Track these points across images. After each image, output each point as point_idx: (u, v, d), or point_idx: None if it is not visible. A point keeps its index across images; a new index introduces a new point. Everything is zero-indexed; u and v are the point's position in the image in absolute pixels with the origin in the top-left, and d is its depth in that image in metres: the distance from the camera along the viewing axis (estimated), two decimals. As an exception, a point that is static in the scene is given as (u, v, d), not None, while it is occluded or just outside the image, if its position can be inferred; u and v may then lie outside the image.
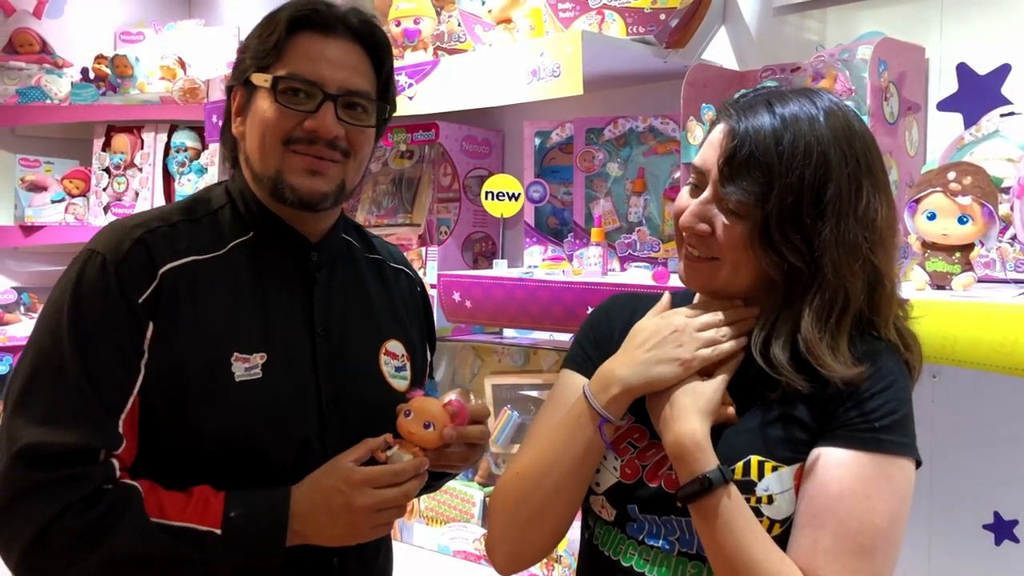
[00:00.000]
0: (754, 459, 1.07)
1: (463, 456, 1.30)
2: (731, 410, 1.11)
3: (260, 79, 1.25)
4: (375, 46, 1.30)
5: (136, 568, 1.14)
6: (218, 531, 1.15)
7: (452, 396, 1.28)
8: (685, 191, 1.17)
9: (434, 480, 1.38)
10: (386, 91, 1.33)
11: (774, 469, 1.06)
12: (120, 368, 1.16)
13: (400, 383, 1.38)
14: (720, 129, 1.12)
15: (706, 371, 1.12)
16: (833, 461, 1.04)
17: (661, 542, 1.12)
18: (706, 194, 1.11)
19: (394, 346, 1.39)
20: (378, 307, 1.40)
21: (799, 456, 1.07)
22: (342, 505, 1.17)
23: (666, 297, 1.20)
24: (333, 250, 1.36)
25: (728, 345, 1.11)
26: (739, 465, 1.06)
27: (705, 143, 1.16)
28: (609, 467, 1.16)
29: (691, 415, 1.07)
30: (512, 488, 1.18)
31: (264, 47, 1.26)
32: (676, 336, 1.11)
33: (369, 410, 1.30)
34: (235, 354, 1.21)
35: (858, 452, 1.04)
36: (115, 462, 1.16)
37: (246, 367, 1.21)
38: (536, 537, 1.18)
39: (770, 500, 1.05)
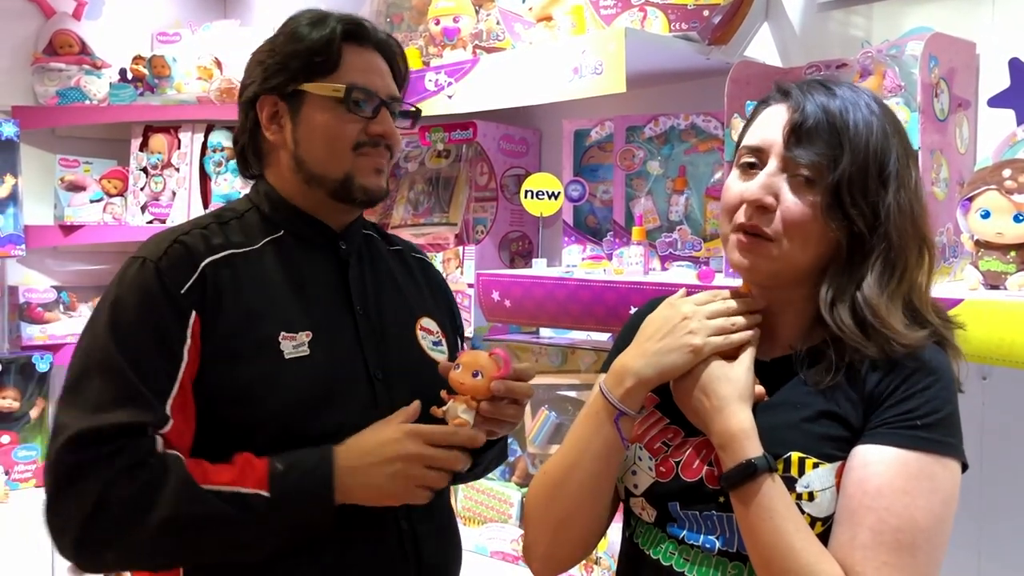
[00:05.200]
0: (795, 455, 1.07)
1: (512, 413, 1.31)
2: (760, 389, 1.11)
3: (326, 90, 1.33)
4: (393, 57, 1.42)
5: (193, 531, 1.18)
6: (265, 492, 1.19)
7: (498, 349, 1.32)
8: (735, 175, 1.16)
9: (477, 455, 1.41)
10: (402, 92, 1.45)
11: (815, 466, 1.06)
12: (162, 354, 1.22)
13: (439, 356, 1.44)
14: (779, 108, 1.14)
15: (726, 355, 1.12)
16: (873, 458, 1.04)
17: (702, 539, 1.11)
18: (772, 167, 1.11)
19: (428, 323, 1.46)
20: (406, 289, 1.47)
21: (840, 454, 1.06)
22: (394, 453, 1.22)
23: (681, 291, 1.21)
24: (358, 241, 1.44)
25: (738, 336, 1.13)
26: (780, 461, 1.06)
27: (756, 124, 1.16)
28: (644, 468, 1.17)
29: (735, 403, 1.08)
30: (540, 488, 1.20)
31: (318, 57, 1.33)
32: (686, 323, 1.13)
33: (414, 380, 1.35)
34: (282, 333, 1.28)
35: (899, 449, 1.03)
36: (159, 439, 1.20)
37: (294, 344, 1.28)
38: (568, 537, 1.19)
39: (811, 497, 1.05)
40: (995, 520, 1.66)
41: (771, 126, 1.13)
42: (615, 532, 1.28)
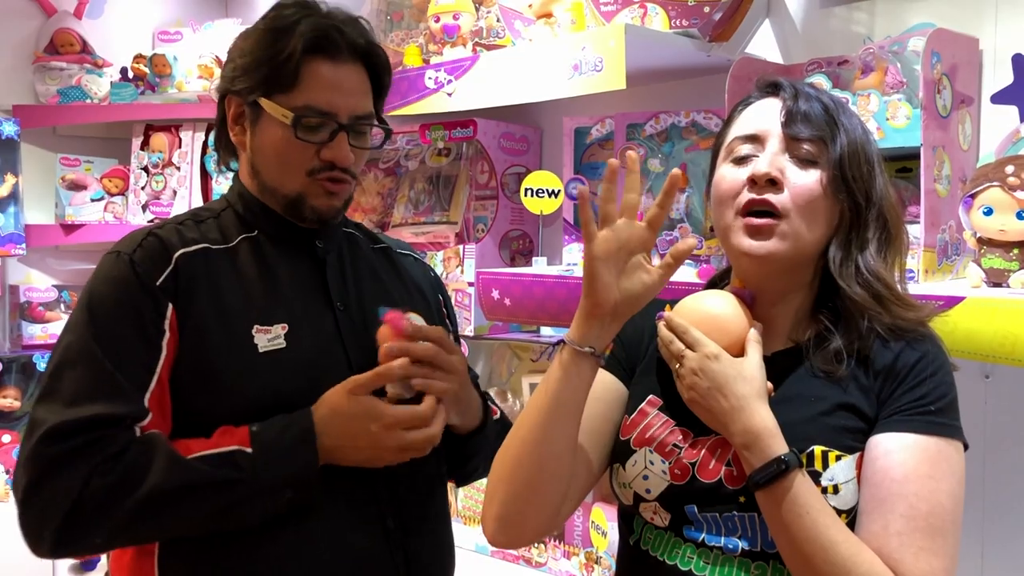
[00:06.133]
0: (817, 449, 1.07)
1: (440, 382, 1.27)
2: (768, 384, 1.11)
3: (277, 111, 1.28)
4: (376, 67, 1.36)
5: (180, 500, 1.17)
6: (248, 449, 1.19)
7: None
8: (728, 167, 1.16)
9: (464, 463, 1.42)
10: (379, 104, 1.40)
11: (838, 459, 1.06)
12: (140, 346, 1.21)
13: None
14: (768, 101, 1.17)
15: (731, 352, 1.10)
16: (894, 446, 1.05)
17: (723, 541, 1.09)
18: (773, 148, 1.13)
19: (414, 317, 1.40)
20: (390, 285, 1.44)
21: (859, 445, 1.07)
22: (369, 442, 1.23)
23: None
24: (337, 239, 1.41)
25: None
26: (803, 456, 1.06)
27: (745, 117, 1.18)
28: (657, 471, 1.14)
29: (754, 402, 1.07)
30: (500, 448, 1.16)
31: (278, 72, 1.28)
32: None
33: None
34: (255, 326, 1.26)
35: (918, 435, 1.05)
36: (138, 430, 1.19)
37: (268, 338, 1.27)
38: (521, 491, 1.12)
39: (835, 490, 1.05)
40: (997, 518, 1.65)
41: (764, 115, 1.16)
42: (616, 530, 1.26)
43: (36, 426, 1.17)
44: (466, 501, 2.32)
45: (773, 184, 1.11)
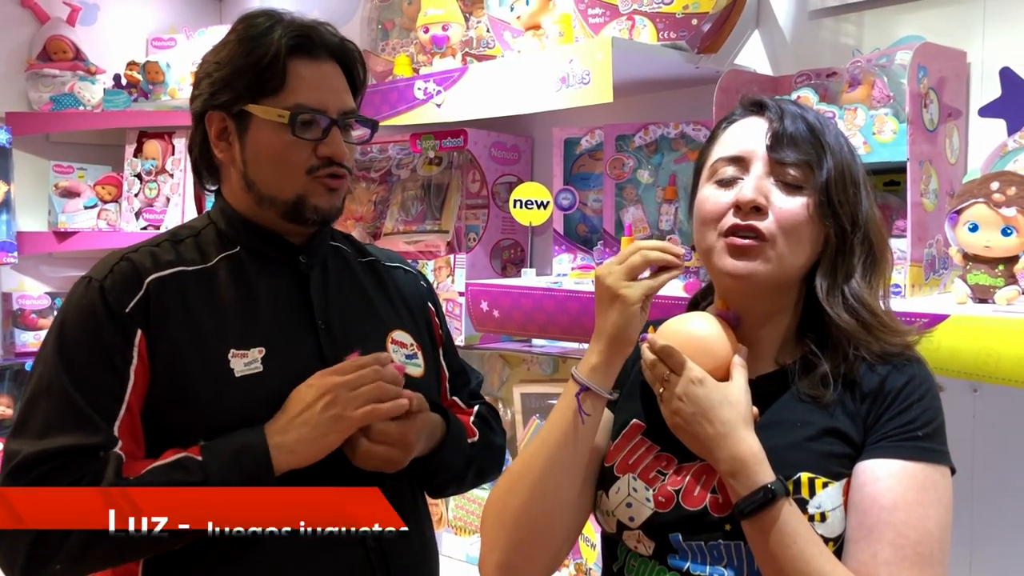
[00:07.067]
0: (804, 476, 1.05)
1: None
2: (754, 409, 1.09)
3: (270, 114, 1.28)
4: (352, 63, 1.37)
5: None
6: (197, 456, 1.18)
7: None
8: (712, 189, 1.14)
9: (441, 471, 1.40)
10: (358, 100, 1.40)
11: (825, 486, 1.05)
12: (108, 375, 1.20)
13: (414, 370, 1.39)
14: (752, 120, 1.15)
15: (715, 375, 1.09)
16: (882, 473, 1.04)
17: (708, 570, 1.08)
18: (758, 171, 1.11)
19: (401, 336, 1.41)
20: (377, 302, 1.43)
21: (845, 471, 1.06)
22: (317, 391, 1.22)
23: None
24: (323, 253, 1.40)
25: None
26: (790, 483, 1.04)
27: (728, 137, 1.16)
28: (641, 499, 1.12)
29: (740, 428, 1.05)
30: (501, 483, 1.16)
31: (263, 76, 1.28)
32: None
33: None
34: (231, 351, 1.25)
35: (905, 462, 1.04)
36: (104, 456, 1.19)
37: (245, 362, 1.25)
38: (528, 538, 1.12)
39: (823, 518, 1.04)
40: (986, 532, 1.65)
41: (748, 136, 1.13)
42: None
43: (9, 458, 1.18)
44: (457, 511, 2.31)
45: (758, 211, 1.09)
